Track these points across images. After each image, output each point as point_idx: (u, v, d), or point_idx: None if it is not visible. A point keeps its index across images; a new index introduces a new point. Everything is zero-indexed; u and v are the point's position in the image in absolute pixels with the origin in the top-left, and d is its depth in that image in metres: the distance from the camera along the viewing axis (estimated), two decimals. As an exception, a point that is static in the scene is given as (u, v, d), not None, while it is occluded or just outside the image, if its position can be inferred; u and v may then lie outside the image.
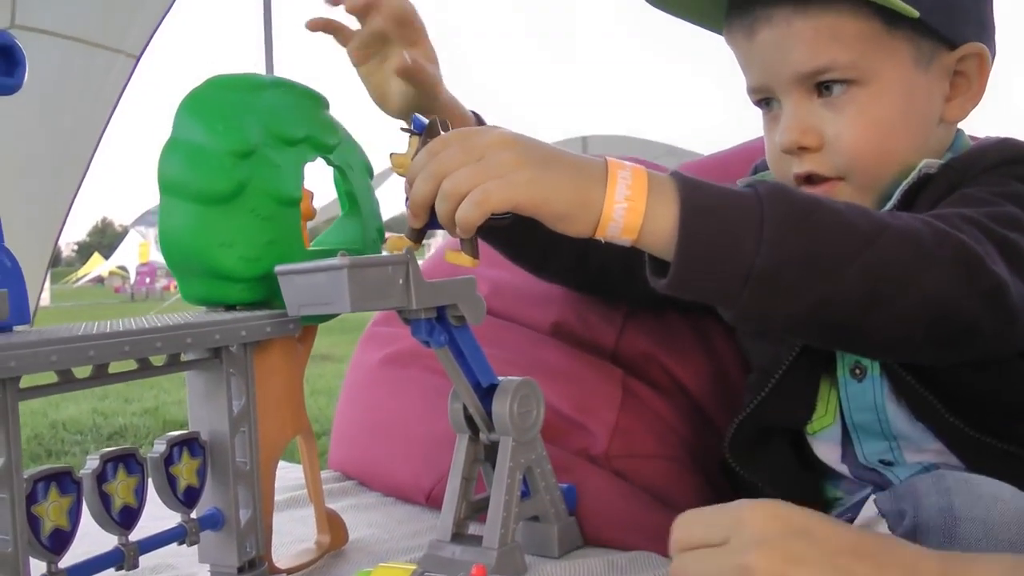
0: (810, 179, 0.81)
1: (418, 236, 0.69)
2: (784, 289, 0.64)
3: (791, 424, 0.89)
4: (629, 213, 0.64)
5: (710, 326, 1.04)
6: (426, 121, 0.69)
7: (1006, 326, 0.68)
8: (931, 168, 0.78)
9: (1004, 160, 0.78)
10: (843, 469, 0.87)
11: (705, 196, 0.64)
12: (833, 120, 0.79)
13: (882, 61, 0.78)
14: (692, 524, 0.53)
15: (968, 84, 0.82)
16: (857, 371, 0.84)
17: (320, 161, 0.79)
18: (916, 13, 0.74)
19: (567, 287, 1.03)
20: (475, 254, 0.68)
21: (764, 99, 0.85)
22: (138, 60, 4.05)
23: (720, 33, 0.86)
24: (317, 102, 0.77)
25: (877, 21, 0.77)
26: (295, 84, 0.75)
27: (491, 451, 0.80)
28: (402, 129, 0.72)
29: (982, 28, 0.82)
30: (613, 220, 0.64)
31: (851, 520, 0.72)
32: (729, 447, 0.91)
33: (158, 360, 0.65)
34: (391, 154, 0.70)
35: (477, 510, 0.81)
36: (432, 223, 0.67)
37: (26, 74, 0.55)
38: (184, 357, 0.69)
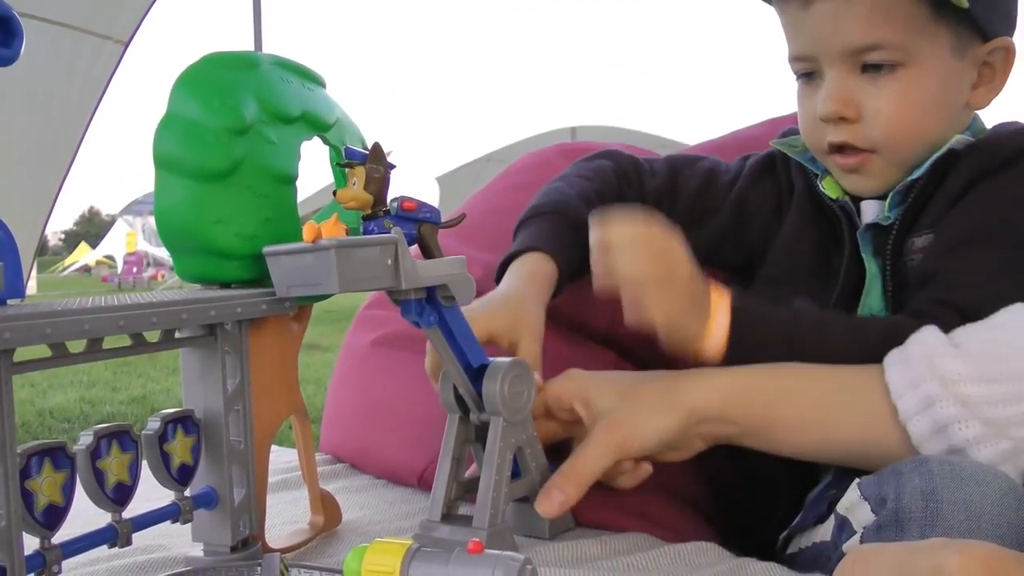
0: (842, 148, 0.86)
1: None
2: None
3: None
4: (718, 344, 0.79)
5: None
6: (361, 148, 0.70)
7: None
8: (959, 145, 0.84)
9: (1021, 152, 0.84)
10: None
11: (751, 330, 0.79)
12: (875, 96, 0.84)
13: (925, 45, 0.82)
14: (874, 566, 0.44)
15: (993, 75, 0.88)
16: None
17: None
18: (966, 3, 0.79)
19: None
20: None
21: (805, 71, 0.88)
22: (126, 47, 4.02)
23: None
24: (314, 81, 0.77)
25: (925, 6, 0.81)
26: (292, 62, 0.75)
27: (482, 431, 0.80)
28: (339, 164, 0.73)
29: (1010, 23, 0.87)
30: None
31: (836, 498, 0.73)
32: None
33: (152, 336, 0.65)
34: (336, 191, 0.70)
35: (467, 490, 0.81)
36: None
37: (23, 46, 0.54)
38: (179, 334, 0.68)
